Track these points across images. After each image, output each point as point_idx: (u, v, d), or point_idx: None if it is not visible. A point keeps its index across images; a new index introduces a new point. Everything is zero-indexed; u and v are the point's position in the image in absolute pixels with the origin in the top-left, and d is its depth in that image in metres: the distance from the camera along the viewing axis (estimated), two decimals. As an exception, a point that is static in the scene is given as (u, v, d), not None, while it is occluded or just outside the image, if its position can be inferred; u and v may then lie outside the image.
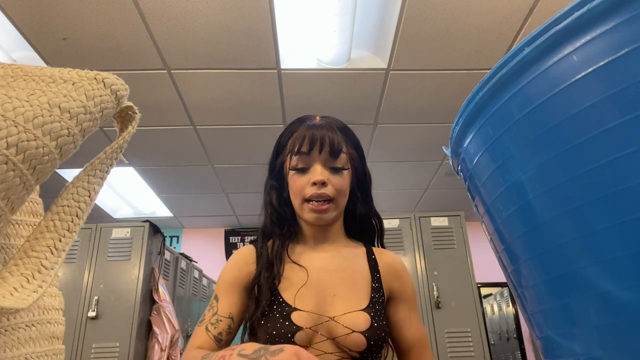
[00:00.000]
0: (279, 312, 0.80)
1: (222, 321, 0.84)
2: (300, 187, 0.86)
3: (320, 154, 0.86)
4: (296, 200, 0.88)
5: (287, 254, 0.88)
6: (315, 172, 0.86)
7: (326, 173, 0.86)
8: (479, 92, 0.51)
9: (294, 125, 0.93)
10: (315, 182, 0.84)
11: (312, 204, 0.85)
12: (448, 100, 3.01)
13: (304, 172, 0.87)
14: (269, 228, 0.92)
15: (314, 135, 0.87)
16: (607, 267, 0.39)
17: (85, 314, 2.67)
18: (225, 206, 4.86)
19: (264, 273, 0.85)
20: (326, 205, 0.85)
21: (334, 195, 0.86)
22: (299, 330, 0.77)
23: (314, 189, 0.85)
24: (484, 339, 2.65)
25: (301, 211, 0.88)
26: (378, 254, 0.94)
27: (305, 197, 0.86)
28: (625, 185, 0.37)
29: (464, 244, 2.86)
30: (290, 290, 0.83)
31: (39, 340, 0.47)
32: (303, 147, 0.87)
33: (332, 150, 0.86)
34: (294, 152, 0.87)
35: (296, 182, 0.87)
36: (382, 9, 2.34)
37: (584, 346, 0.43)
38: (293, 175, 0.88)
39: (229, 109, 3.07)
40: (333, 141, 0.87)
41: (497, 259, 0.57)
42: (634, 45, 0.36)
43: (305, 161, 0.87)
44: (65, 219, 0.42)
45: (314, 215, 0.86)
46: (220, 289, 0.88)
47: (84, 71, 0.41)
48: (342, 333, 0.78)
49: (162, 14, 2.23)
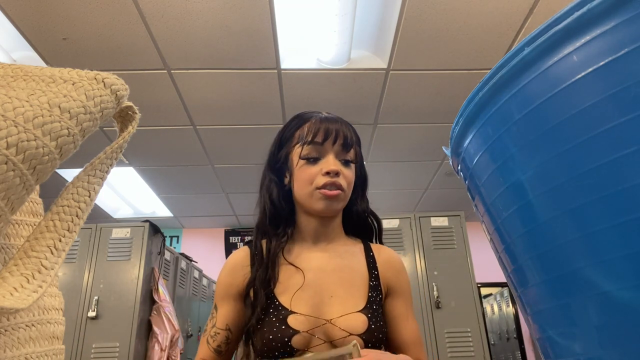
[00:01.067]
0: (275, 315, 0.79)
1: (219, 334, 0.86)
2: (311, 176, 0.86)
3: (334, 145, 0.87)
4: (305, 190, 0.87)
5: (282, 256, 0.88)
6: (328, 162, 0.86)
7: (338, 164, 0.87)
8: (479, 92, 0.51)
9: (300, 118, 0.93)
10: (329, 171, 0.85)
11: (325, 190, 0.85)
12: (448, 100, 3.01)
13: (315, 162, 0.87)
14: (264, 225, 0.91)
15: (329, 127, 0.88)
16: (607, 267, 0.39)
17: (85, 314, 2.67)
18: (225, 206, 4.86)
19: (259, 277, 0.84)
20: (337, 191, 0.85)
21: (345, 186, 0.86)
22: (295, 334, 0.77)
23: (326, 178, 0.85)
24: (484, 339, 2.65)
25: (310, 200, 0.86)
26: (376, 250, 0.94)
27: (317, 186, 0.85)
28: (625, 185, 0.37)
29: (464, 244, 2.86)
30: (286, 294, 0.83)
31: (39, 340, 0.47)
32: (317, 137, 0.87)
33: (345, 142, 0.88)
34: (307, 142, 0.87)
35: (306, 171, 0.87)
36: (382, 9, 2.34)
37: (584, 346, 0.43)
38: (303, 165, 0.88)
39: (229, 109, 3.07)
40: (346, 134, 0.88)
41: (497, 259, 0.57)
42: (634, 45, 0.36)
43: (317, 151, 0.87)
44: (65, 219, 0.42)
45: (325, 202, 0.85)
46: (217, 298, 0.90)
47: (84, 71, 0.41)
48: (339, 336, 0.77)
49: (162, 14, 2.23)
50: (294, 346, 0.76)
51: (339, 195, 0.85)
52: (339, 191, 0.85)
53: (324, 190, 0.84)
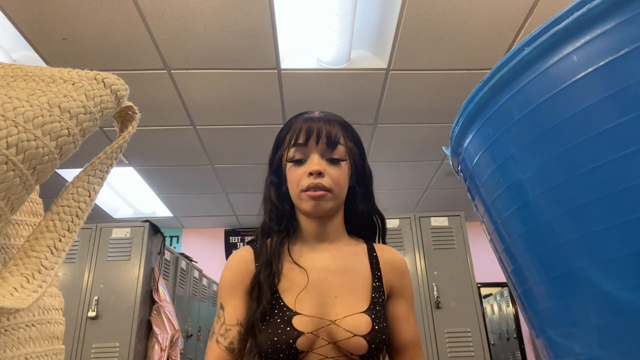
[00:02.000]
0: (279, 317, 0.79)
1: (231, 330, 0.82)
2: (298, 178, 0.86)
3: (317, 144, 0.86)
4: (294, 192, 0.87)
5: (288, 252, 0.87)
6: (311, 163, 0.85)
7: (323, 164, 0.86)
8: (479, 92, 0.51)
9: (291, 120, 0.93)
10: (311, 172, 0.84)
11: (309, 192, 0.84)
12: (448, 100, 3.01)
13: (300, 164, 0.86)
14: (268, 225, 0.91)
15: (311, 127, 0.87)
16: (607, 267, 0.39)
17: (85, 314, 2.67)
18: (225, 206, 4.86)
19: (263, 271, 0.84)
20: (321, 192, 0.84)
21: (331, 186, 0.85)
22: (300, 336, 0.76)
23: (310, 180, 0.84)
24: (484, 339, 2.65)
25: (299, 202, 0.87)
26: (379, 250, 0.93)
27: (302, 188, 0.85)
28: (625, 185, 0.37)
29: (464, 244, 2.86)
30: (290, 293, 0.82)
31: (39, 340, 0.47)
32: (300, 138, 0.86)
33: (328, 141, 0.86)
34: (291, 144, 0.87)
35: (293, 173, 0.87)
36: (382, 9, 2.34)
37: (584, 346, 0.43)
38: (291, 167, 0.88)
39: (229, 109, 3.07)
40: (330, 132, 0.87)
41: (497, 259, 0.57)
42: (634, 45, 0.36)
43: (302, 152, 0.87)
44: (65, 219, 0.41)
45: (311, 203, 0.84)
46: (223, 296, 0.87)
47: (84, 71, 0.41)
48: (343, 337, 0.77)
49: (162, 14, 2.23)
50: (298, 348, 0.76)
51: (324, 196, 0.84)
52: (322, 192, 0.84)
53: (309, 192, 0.84)
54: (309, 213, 0.87)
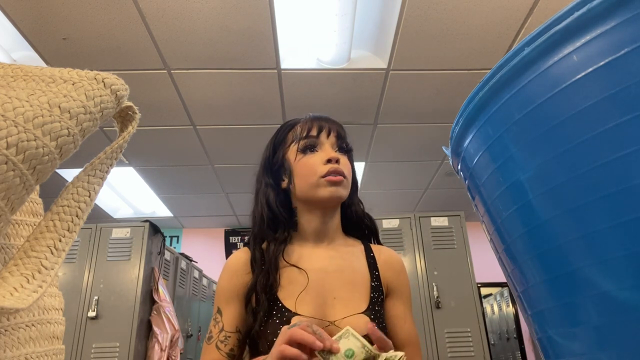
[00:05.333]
0: (278, 317, 0.79)
1: (230, 337, 0.84)
2: (313, 165, 0.87)
3: (328, 137, 0.90)
4: (309, 181, 0.87)
5: (283, 259, 0.87)
6: (327, 151, 0.89)
7: (336, 153, 0.89)
8: (479, 92, 0.51)
9: (289, 123, 0.95)
10: (330, 158, 0.86)
11: (329, 176, 0.85)
12: (448, 100, 3.01)
13: (313, 151, 0.89)
14: (262, 231, 0.90)
15: (321, 123, 0.91)
16: (607, 267, 0.39)
17: (85, 314, 2.67)
18: (225, 206, 4.86)
19: (260, 282, 0.83)
20: (340, 177, 0.86)
21: (346, 174, 0.88)
22: None
23: (328, 166, 0.86)
24: (484, 339, 2.65)
25: (316, 190, 0.86)
26: (377, 251, 0.94)
27: (321, 174, 0.86)
28: (625, 185, 0.37)
29: (464, 244, 2.86)
30: (289, 296, 0.82)
31: (39, 340, 0.47)
32: (312, 131, 0.90)
33: (339, 135, 0.91)
34: (303, 137, 0.90)
35: (307, 162, 0.88)
36: (382, 9, 2.34)
37: (584, 346, 0.43)
38: (302, 159, 0.89)
39: (229, 109, 3.07)
40: (338, 128, 0.92)
41: (497, 259, 0.57)
42: (634, 45, 0.36)
43: (314, 143, 0.90)
44: (65, 219, 0.41)
45: (330, 189, 0.85)
46: (221, 301, 0.87)
47: (84, 71, 0.41)
48: None
49: (162, 14, 2.23)
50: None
51: (343, 182, 0.87)
52: (342, 177, 0.87)
53: (329, 177, 0.85)
54: (326, 200, 0.87)
